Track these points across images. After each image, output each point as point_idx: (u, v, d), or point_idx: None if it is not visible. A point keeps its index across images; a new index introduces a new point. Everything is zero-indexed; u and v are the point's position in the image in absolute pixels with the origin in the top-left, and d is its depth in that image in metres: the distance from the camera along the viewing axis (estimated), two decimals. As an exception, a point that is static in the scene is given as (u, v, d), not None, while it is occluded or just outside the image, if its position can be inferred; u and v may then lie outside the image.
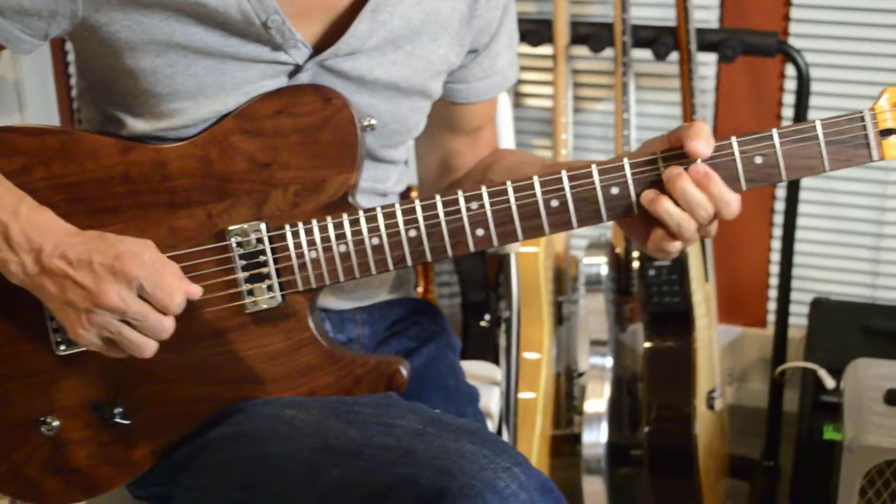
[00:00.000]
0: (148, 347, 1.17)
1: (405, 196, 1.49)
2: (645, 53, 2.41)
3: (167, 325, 1.16)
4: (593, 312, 2.25)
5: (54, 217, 1.18)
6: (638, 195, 1.20)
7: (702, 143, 1.15)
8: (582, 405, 2.30)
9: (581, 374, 2.46)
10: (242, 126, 1.23)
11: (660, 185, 1.18)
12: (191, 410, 1.26)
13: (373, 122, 1.26)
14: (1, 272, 1.19)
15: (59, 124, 3.09)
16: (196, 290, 1.18)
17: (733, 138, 1.19)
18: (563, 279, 2.37)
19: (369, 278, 1.26)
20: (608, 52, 2.40)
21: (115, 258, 1.13)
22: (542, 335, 2.18)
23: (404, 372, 1.27)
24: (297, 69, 1.25)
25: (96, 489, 1.28)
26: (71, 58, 3.03)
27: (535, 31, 2.42)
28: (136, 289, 1.14)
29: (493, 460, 1.06)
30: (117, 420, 1.25)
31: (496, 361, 1.98)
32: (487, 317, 2.35)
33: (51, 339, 1.25)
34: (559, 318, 2.32)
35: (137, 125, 1.25)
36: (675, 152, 1.18)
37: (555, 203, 1.21)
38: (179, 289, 1.16)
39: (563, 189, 1.21)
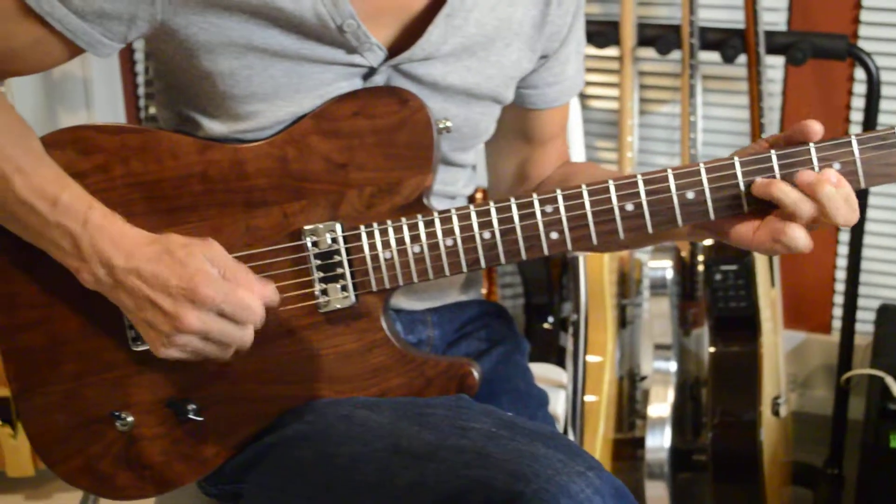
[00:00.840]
0: (229, 355, 1.19)
1: (472, 199, 1.49)
2: (712, 56, 2.40)
3: (248, 337, 1.17)
4: (658, 316, 2.24)
5: (124, 225, 1.18)
6: (714, 200, 1.19)
7: (815, 125, 1.16)
8: (644, 409, 2.29)
9: (643, 378, 2.45)
10: (319, 127, 1.24)
11: (736, 191, 1.18)
12: (263, 409, 1.27)
13: (448, 124, 1.26)
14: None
15: (125, 122, 3.12)
16: (274, 296, 1.18)
17: (811, 144, 1.18)
18: (627, 282, 2.36)
19: (440, 280, 1.27)
20: (675, 55, 2.39)
21: (189, 281, 1.12)
22: (605, 338, 2.18)
23: (476, 374, 1.27)
24: (372, 72, 1.26)
25: (168, 485, 1.29)
26: (138, 56, 3.06)
27: (601, 32, 2.41)
28: (215, 311, 1.14)
29: (568, 464, 1.06)
30: (190, 417, 1.26)
31: (559, 364, 1.98)
32: (550, 319, 2.35)
33: (126, 335, 1.26)
34: (622, 322, 2.31)
35: (214, 127, 1.26)
36: (785, 151, 1.17)
37: (630, 207, 1.21)
38: (257, 304, 1.15)
39: (638, 193, 1.20)
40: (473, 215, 1.22)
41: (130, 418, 1.27)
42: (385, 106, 1.24)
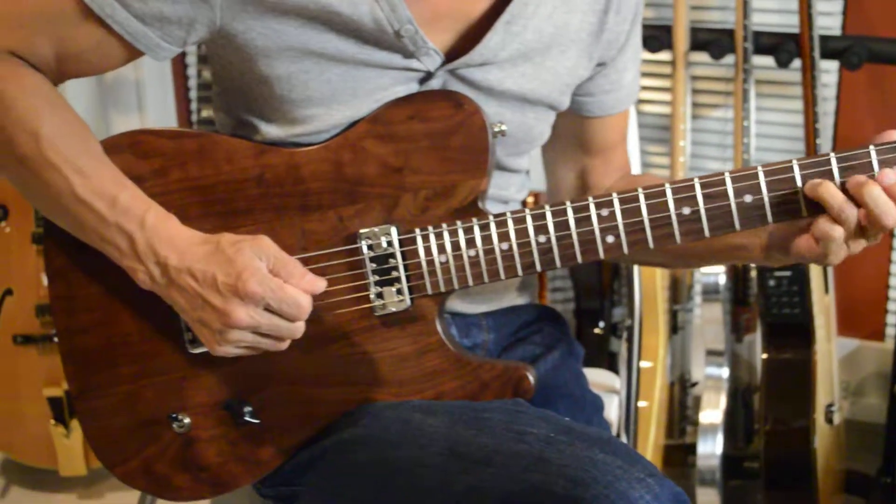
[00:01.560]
0: (283, 347, 1.19)
1: (524, 204, 1.49)
2: (765, 60, 2.38)
3: (299, 329, 1.17)
4: (710, 322, 2.23)
5: (179, 226, 1.20)
6: (772, 204, 1.18)
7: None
8: (695, 415, 2.27)
9: (695, 384, 2.44)
10: (375, 131, 1.24)
11: (794, 195, 1.17)
12: (318, 411, 1.27)
13: (504, 127, 1.26)
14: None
15: (176, 125, 3.15)
16: (321, 285, 1.17)
17: (871, 147, 1.17)
18: (679, 287, 2.34)
19: (495, 283, 1.27)
20: (727, 59, 2.37)
21: (237, 278, 1.13)
22: (657, 344, 2.17)
23: (531, 378, 1.26)
24: (429, 76, 1.26)
25: (224, 487, 1.30)
26: (190, 59, 3.09)
27: (654, 36, 2.40)
28: (263, 306, 1.15)
29: (628, 470, 1.05)
30: (247, 419, 1.27)
31: (609, 369, 1.98)
32: (601, 324, 2.34)
33: (183, 337, 1.27)
34: (674, 327, 2.29)
35: (271, 131, 1.27)
36: (845, 153, 1.17)
37: (686, 211, 1.20)
38: (304, 298, 1.15)
39: (695, 197, 1.19)
40: (529, 219, 1.22)
41: (187, 420, 1.28)
42: (440, 109, 1.24)
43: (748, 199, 1.19)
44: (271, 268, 1.16)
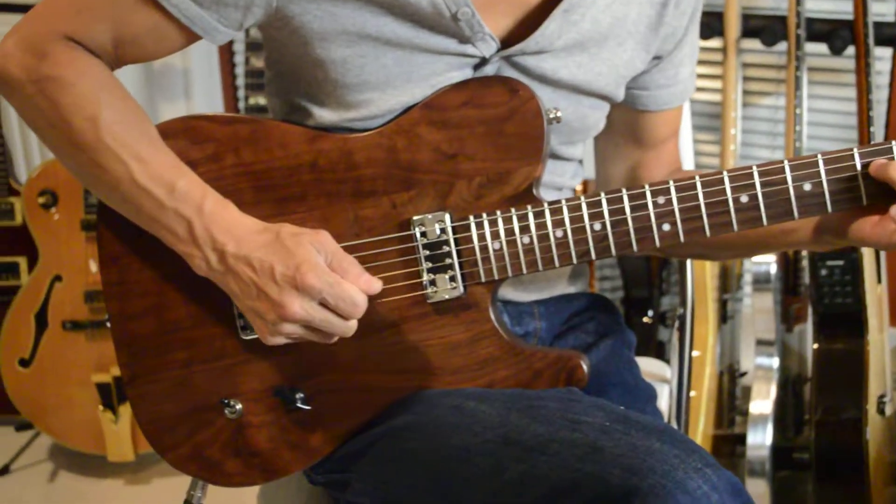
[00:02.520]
0: (332, 341, 1.19)
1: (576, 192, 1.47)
2: (818, 47, 2.35)
3: (351, 327, 1.17)
4: (761, 312, 2.21)
5: (237, 213, 1.20)
6: (832, 192, 1.16)
7: None
8: (744, 405, 2.25)
9: (743, 374, 2.41)
10: (429, 117, 1.23)
11: (855, 182, 1.15)
12: (370, 398, 1.27)
13: (559, 114, 1.24)
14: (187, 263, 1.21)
15: (223, 111, 3.16)
16: (377, 285, 1.18)
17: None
18: (729, 277, 2.32)
19: (548, 271, 1.25)
20: (780, 46, 2.34)
21: (296, 270, 1.13)
22: (706, 333, 2.15)
23: (585, 367, 1.25)
24: (483, 62, 1.25)
25: (275, 473, 1.30)
26: (237, 47, 3.09)
27: (705, 23, 2.38)
28: (318, 301, 1.14)
29: (685, 460, 1.04)
30: (298, 405, 1.27)
31: (658, 358, 1.96)
32: (650, 313, 2.32)
33: (236, 323, 1.27)
34: (723, 316, 2.27)
35: (324, 115, 1.27)
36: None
37: (744, 199, 1.18)
38: (360, 297, 1.15)
39: (753, 185, 1.18)
40: (584, 206, 1.21)
41: (239, 406, 1.28)
42: (495, 96, 1.23)
43: (807, 187, 1.17)
44: (329, 263, 1.15)
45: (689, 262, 1.64)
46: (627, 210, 1.20)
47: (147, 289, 1.28)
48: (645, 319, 2.32)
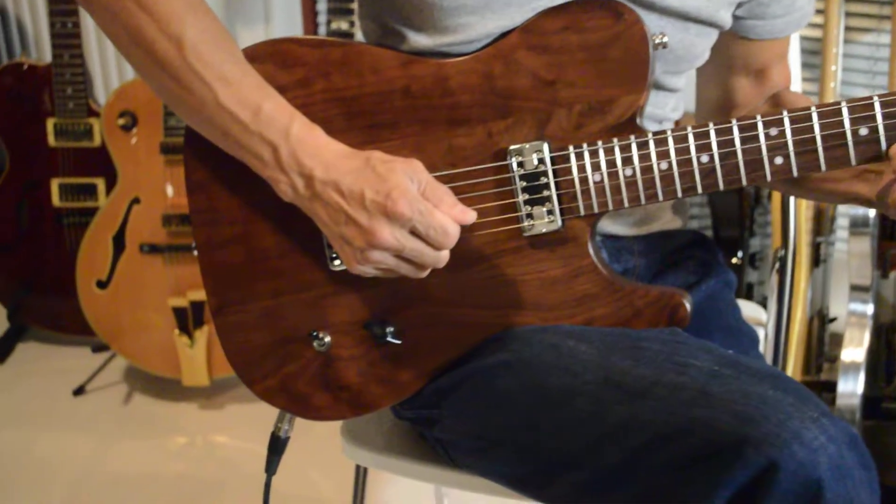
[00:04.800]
0: (422, 275, 1.15)
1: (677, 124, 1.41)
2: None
3: (442, 258, 1.13)
4: (857, 256, 2.13)
5: (325, 137, 1.15)
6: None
7: None
8: (832, 352, 2.19)
9: (833, 320, 2.34)
10: (528, 41, 1.18)
11: None
12: (463, 334, 1.23)
13: (665, 39, 1.18)
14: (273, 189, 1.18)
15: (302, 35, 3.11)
16: (471, 216, 1.13)
17: None
18: (823, 219, 2.24)
19: (648, 206, 1.20)
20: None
21: (386, 196, 1.09)
22: (799, 277, 2.08)
23: (688, 306, 1.20)
24: None
25: (364, 408, 1.27)
26: (318, -29, 3.04)
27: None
28: (409, 229, 1.10)
29: (800, 409, 0.99)
30: (389, 339, 1.23)
31: (749, 300, 1.90)
32: (740, 254, 2.25)
33: (326, 254, 1.23)
34: (816, 260, 2.20)
35: (419, 40, 1.21)
36: None
37: (864, 132, 1.12)
38: (453, 226, 1.11)
39: (874, 116, 1.11)
40: (691, 137, 1.15)
41: (328, 338, 1.25)
42: (597, 20, 1.17)
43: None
44: (422, 192, 1.11)
45: (791, 201, 1.57)
46: (737, 142, 1.14)
47: (235, 217, 1.25)
48: (734, 261, 2.25)
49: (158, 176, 2.68)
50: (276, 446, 1.33)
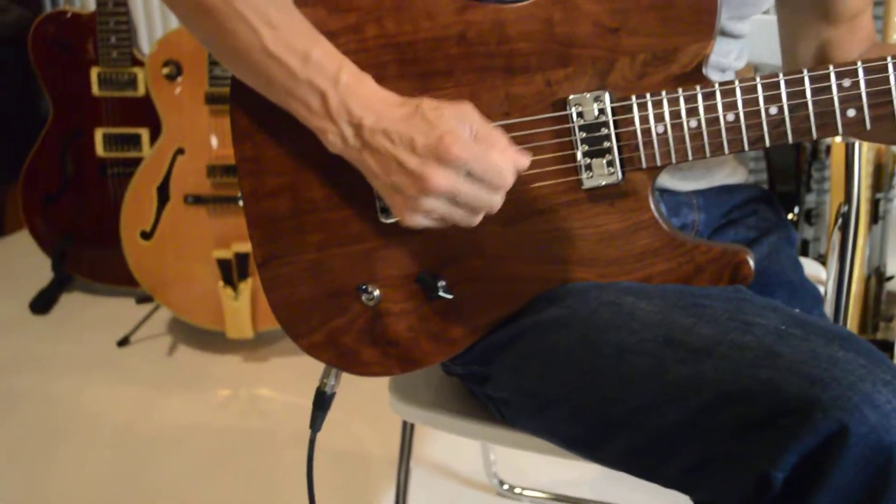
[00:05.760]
0: (476, 221, 1.11)
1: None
2: None
3: (497, 202, 1.10)
4: (917, 212, 2.07)
5: (375, 86, 1.11)
6: None
7: None
8: (889, 311, 2.13)
9: (890, 278, 2.29)
10: None
11: None
12: (517, 289, 1.19)
13: None
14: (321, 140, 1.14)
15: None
16: (525, 161, 1.10)
17: None
18: (882, 174, 2.18)
19: (708, 159, 1.15)
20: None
21: (438, 140, 1.05)
22: (857, 233, 2.02)
23: (752, 263, 1.15)
24: None
25: (414, 364, 1.23)
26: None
27: None
28: (463, 172, 1.06)
29: (872, 371, 0.94)
30: (440, 294, 1.19)
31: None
32: (796, 210, 2.19)
33: (375, 205, 1.20)
34: (874, 217, 2.14)
35: None
36: None
37: (943, 83, 1.06)
38: (509, 167, 1.07)
39: (954, 70, 1.06)
40: (759, 88, 1.10)
41: (377, 292, 1.21)
42: None
43: None
44: (475, 135, 1.07)
45: (855, 156, 1.51)
46: (808, 93, 1.09)
47: (282, 167, 1.21)
48: (790, 217, 2.19)
49: (203, 126, 2.65)
50: (322, 402, 1.30)
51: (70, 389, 2.71)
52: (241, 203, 1.25)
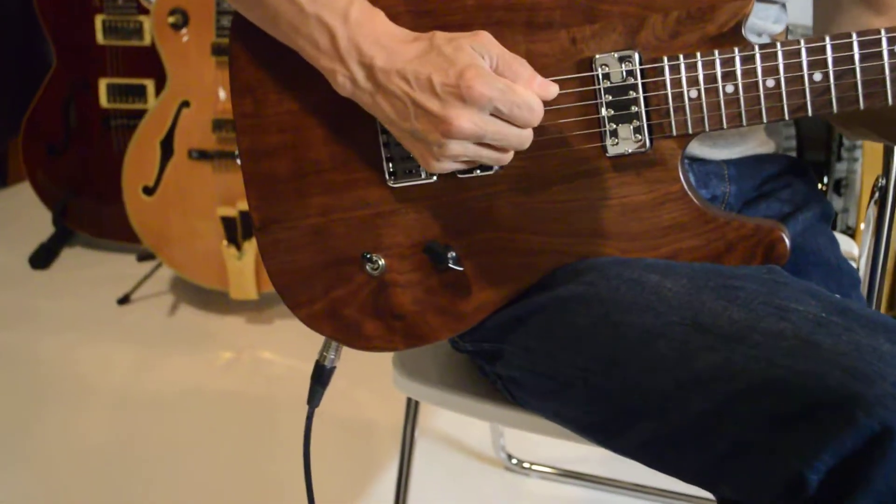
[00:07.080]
0: (507, 160, 1.04)
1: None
2: None
3: (526, 137, 1.02)
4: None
5: (386, 22, 1.04)
6: None
7: None
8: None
9: (922, 254, 2.20)
10: None
11: None
12: (532, 262, 1.10)
13: None
14: (329, 83, 1.05)
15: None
16: (553, 89, 1.02)
17: None
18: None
19: (741, 127, 1.06)
20: None
21: (459, 77, 0.97)
22: (894, 208, 1.93)
23: (787, 242, 1.06)
24: None
25: (419, 339, 1.15)
26: None
27: None
28: (489, 110, 0.98)
29: (922, 367, 0.86)
30: (450, 265, 1.11)
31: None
32: (825, 179, 2.10)
33: (384, 168, 1.11)
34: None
35: None
36: None
37: None
38: (537, 100, 1.00)
39: None
40: (804, 52, 1.01)
41: (382, 262, 1.13)
42: None
43: None
44: (496, 67, 0.99)
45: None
46: (857, 59, 1.00)
47: (284, 124, 1.13)
48: (820, 187, 2.10)
49: (209, 78, 2.57)
50: (321, 376, 1.22)
51: (64, 347, 2.64)
52: (238, 161, 1.16)
